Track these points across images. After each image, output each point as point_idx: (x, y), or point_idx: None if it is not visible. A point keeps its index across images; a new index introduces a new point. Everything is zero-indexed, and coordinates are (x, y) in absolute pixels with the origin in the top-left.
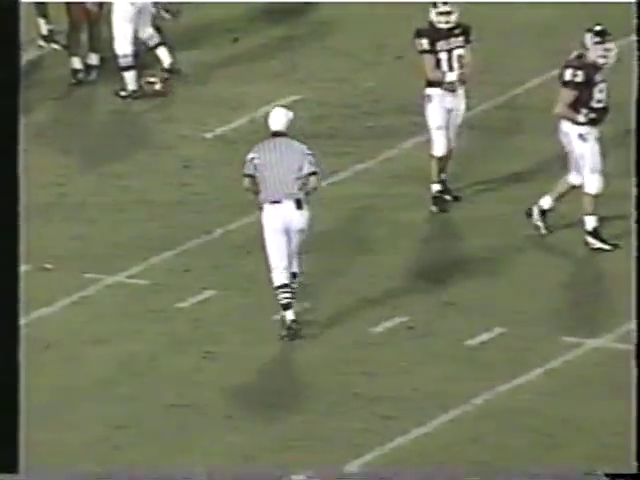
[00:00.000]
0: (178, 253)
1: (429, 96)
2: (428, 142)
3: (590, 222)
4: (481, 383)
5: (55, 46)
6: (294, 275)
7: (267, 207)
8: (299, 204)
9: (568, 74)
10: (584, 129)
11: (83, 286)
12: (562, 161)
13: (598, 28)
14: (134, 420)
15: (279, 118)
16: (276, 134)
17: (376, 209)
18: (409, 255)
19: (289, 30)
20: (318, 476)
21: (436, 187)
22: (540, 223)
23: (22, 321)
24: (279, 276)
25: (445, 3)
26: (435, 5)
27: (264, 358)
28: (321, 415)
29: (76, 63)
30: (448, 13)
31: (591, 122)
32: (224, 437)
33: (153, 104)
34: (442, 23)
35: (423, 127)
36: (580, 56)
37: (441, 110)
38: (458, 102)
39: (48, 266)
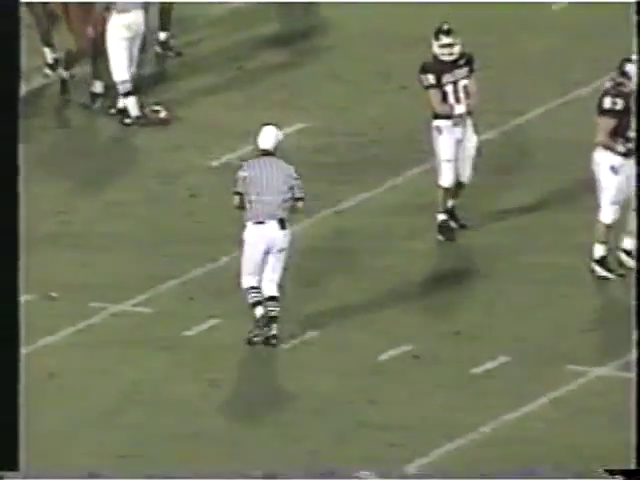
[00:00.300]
0: (183, 281)
1: (438, 128)
2: (433, 170)
3: (599, 251)
4: (486, 412)
5: (63, 74)
6: (273, 298)
7: (251, 226)
8: (282, 224)
9: (607, 102)
10: (618, 160)
11: (88, 315)
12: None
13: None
14: (138, 449)
15: (269, 137)
16: (265, 153)
17: (382, 237)
18: (414, 283)
19: (294, 58)
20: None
21: (442, 216)
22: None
23: (26, 350)
24: (250, 280)
25: (448, 33)
26: (438, 38)
27: (269, 387)
28: (327, 443)
29: (98, 87)
30: (451, 45)
31: (627, 153)
32: (229, 465)
33: (158, 132)
34: (446, 55)
35: (428, 155)
36: (619, 84)
37: (451, 142)
38: (467, 132)
39: (53, 295)
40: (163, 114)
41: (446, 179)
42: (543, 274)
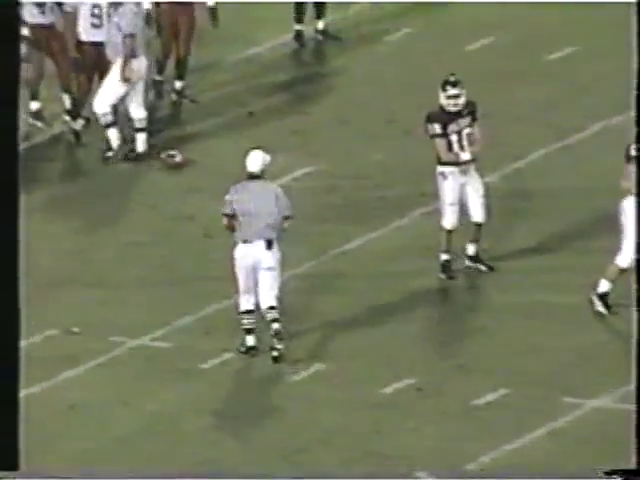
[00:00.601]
0: (199, 317)
1: (443, 173)
2: (436, 212)
3: (604, 286)
4: (487, 442)
5: (81, 121)
6: (272, 307)
7: (239, 245)
8: (269, 244)
9: (633, 150)
10: None
11: (108, 349)
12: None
13: None
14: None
15: (256, 161)
16: (252, 176)
17: (387, 275)
18: (418, 319)
19: (302, 104)
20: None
21: (444, 256)
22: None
23: (48, 383)
24: (245, 303)
25: (454, 85)
26: (445, 89)
27: (282, 419)
28: (334, 472)
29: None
30: (457, 96)
31: None
32: None
33: (174, 175)
34: (451, 106)
35: (430, 198)
36: None
37: (455, 186)
38: (472, 177)
39: (75, 330)
40: (178, 158)
41: (449, 221)
42: (542, 310)
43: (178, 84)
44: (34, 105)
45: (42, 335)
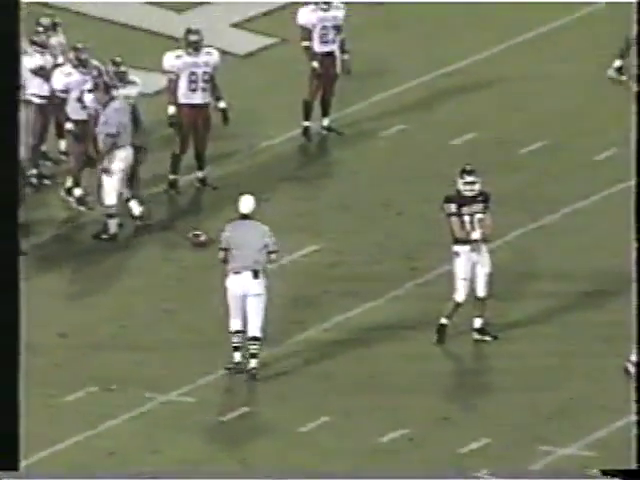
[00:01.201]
0: (219, 376)
1: (457, 252)
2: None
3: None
4: None
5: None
6: (256, 338)
7: (231, 276)
8: (256, 274)
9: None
10: None
11: (141, 403)
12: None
13: None
14: None
15: (247, 204)
16: (244, 217)
17: (385, 340)
18: (413, 378)
19: (309, 191)
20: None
21: (443, 320)
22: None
23: (91, 432)
24: (234, 325)
25: (470, 173)
26: (462, 176)
27: (295, 469)
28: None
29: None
30: (472, 183)
31: None
32: None
33: (199, 252)
34: (468, 191)
35: (424, 272)
36: None
37: (467, 264)
38: (482, 257)
39: (113, 387)
40: (203, 237)
41: (460, 295)
42: (518, 371)
43: (200, 174)
44: (77, 192)
45: (84, 391)
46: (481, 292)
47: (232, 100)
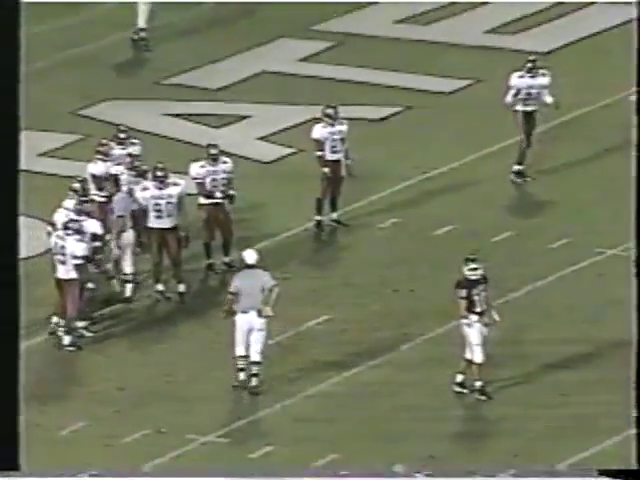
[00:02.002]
0: (250, 420)
1: (469, 324)
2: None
3: None
4: None
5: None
6: (257, 362)
7: (239, 315)
8: (259, 313)
9: None
10: None
11: (185, 444)
12: None
13: None
14: None
15: (251, 256)
16: (248, 266)
17: (392, 395)
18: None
19: (320, 271)
20: None
21: (459, 377)
22: None
23: (145, 468)
24: (240, 351)
25: (474, 261)
26: (467, 264)
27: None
28: None
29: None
30: (475, 269)
31: None
32: None
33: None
34: (472, 275)
35: (416, 336)
36: None
37: (478, 332)
38: (489, 327)
39: (163, 430)
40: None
41: (478, 357)
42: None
43: (226, 259)
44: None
45: (139, 433)
46: (478, 359)
47: (259, 198)
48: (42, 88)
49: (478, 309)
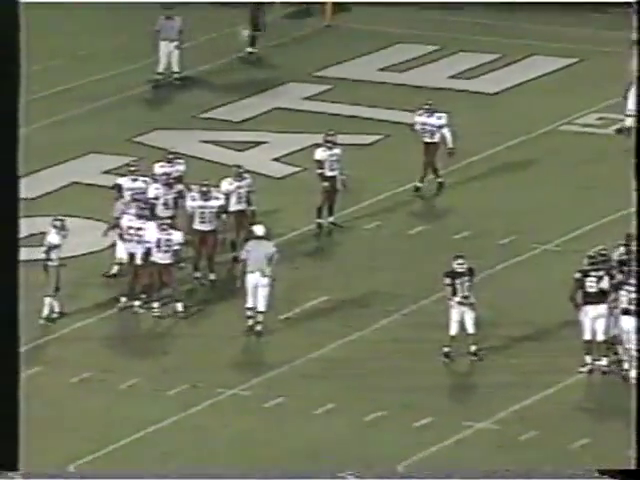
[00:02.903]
0: (266, 378)
1: (452, 305)
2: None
3: None
4: None
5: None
6: (262, 312)
7: (248, 275)
8: (263, 273)
9: None
10: None
11: (216, 395)
12: None
13: None
14: None
15: (260, 229)
16: (257, 237)
17: (380, 358)
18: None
19: (320, 261)
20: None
21: (445, 349)
22: None
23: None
24: (249, 302)
25: (461, 257)
26: (456, 259)
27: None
28: None
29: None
30: (462, 264)
31: None
32: None
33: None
34: (459, 268)
35: (395, 312)
36: None
37: (458, 314)
38: (468, 311)
39: (199, 385)
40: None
41: (453, 330)
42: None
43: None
44: None
45: (182, 387)
46: (470, 329)
47: (272, 206)
48: (109, 119)
49: (459, 295)
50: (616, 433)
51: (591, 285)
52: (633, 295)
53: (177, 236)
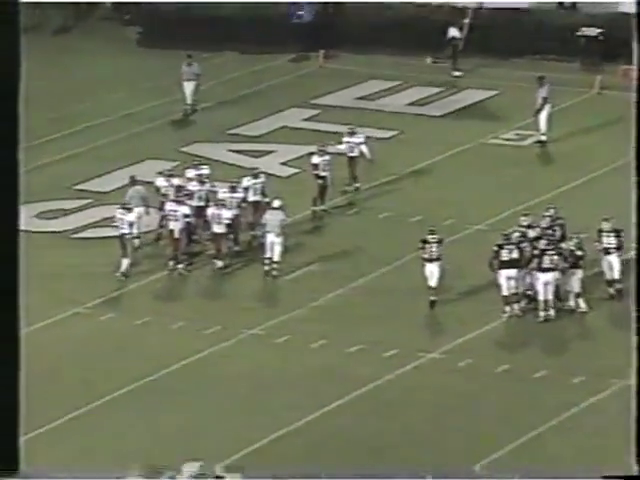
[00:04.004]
0: (279, 320)
1: (424, 264)
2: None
3: None
4: None
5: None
6: (277, 262)
7: (267, 235)
8: (278, 234)
9: None
10: None
11: (238, 335)
12: None
13: None
14: None
15: (277, 202)
16: (274, 208)
17: (365, 306)
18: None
19: (318, 241)
20: None
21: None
22: None
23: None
24: (267, 254)
25: (433, 232)
26: (430, 232)
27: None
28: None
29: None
30: (434, 235)
31: None
32: None
33: None
34: (431, 239)
35: (373, 271)
36: None
37: (430, 271)
38: (438, 265)
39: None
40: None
41: (431, 283)
42: None
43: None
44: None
45: (212, 329)
46: (433, 283)
47: (278, 198)
48: (160, 135)
49: (428, 256)
50: (530, 360)
51: (505, 255)
52: (555, 257)
53: (227, 213)
